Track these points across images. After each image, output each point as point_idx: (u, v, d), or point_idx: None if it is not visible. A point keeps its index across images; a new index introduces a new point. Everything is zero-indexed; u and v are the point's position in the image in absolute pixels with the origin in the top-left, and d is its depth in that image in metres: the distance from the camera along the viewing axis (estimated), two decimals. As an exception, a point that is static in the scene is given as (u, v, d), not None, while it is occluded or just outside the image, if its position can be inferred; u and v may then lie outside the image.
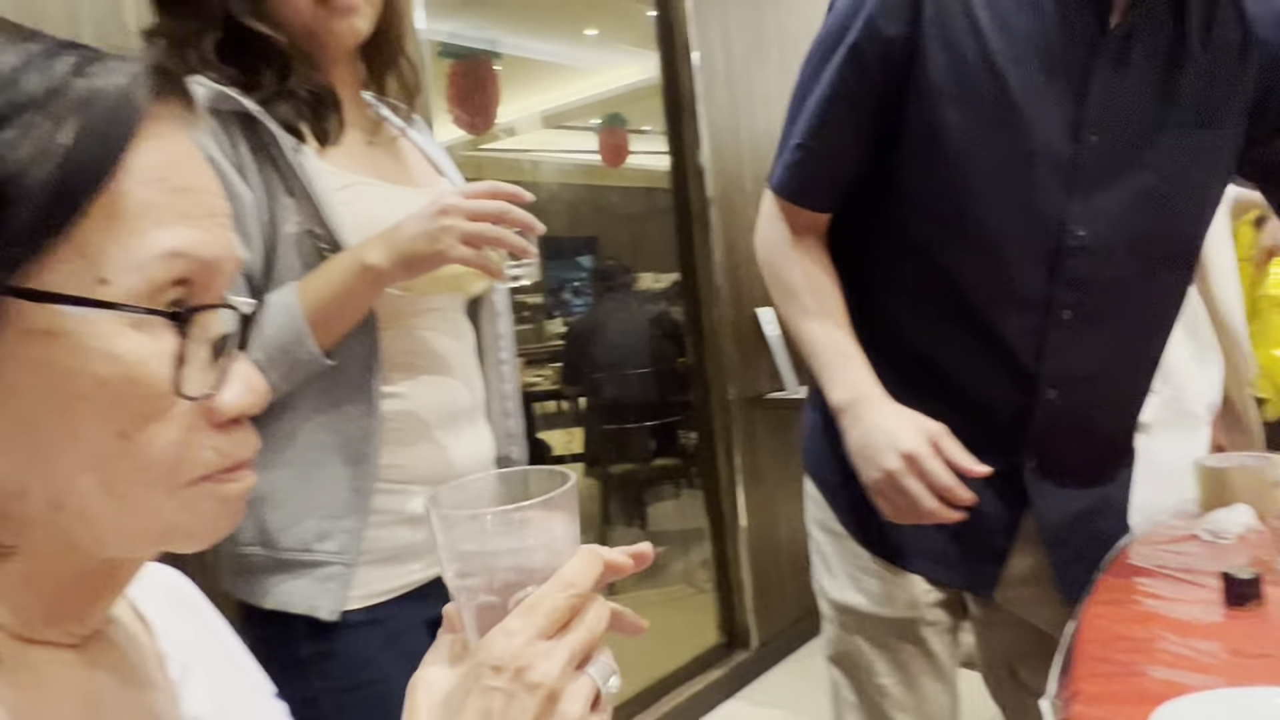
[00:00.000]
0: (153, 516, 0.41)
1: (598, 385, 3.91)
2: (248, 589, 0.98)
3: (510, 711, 0.40)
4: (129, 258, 0.38)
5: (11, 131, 0.36)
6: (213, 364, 0.42)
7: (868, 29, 0.97)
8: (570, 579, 0.43)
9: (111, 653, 0.47)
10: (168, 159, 0.41)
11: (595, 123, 6.55)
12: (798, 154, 1.05)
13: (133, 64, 0.40)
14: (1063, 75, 0.95)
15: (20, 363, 0.37)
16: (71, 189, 0.37)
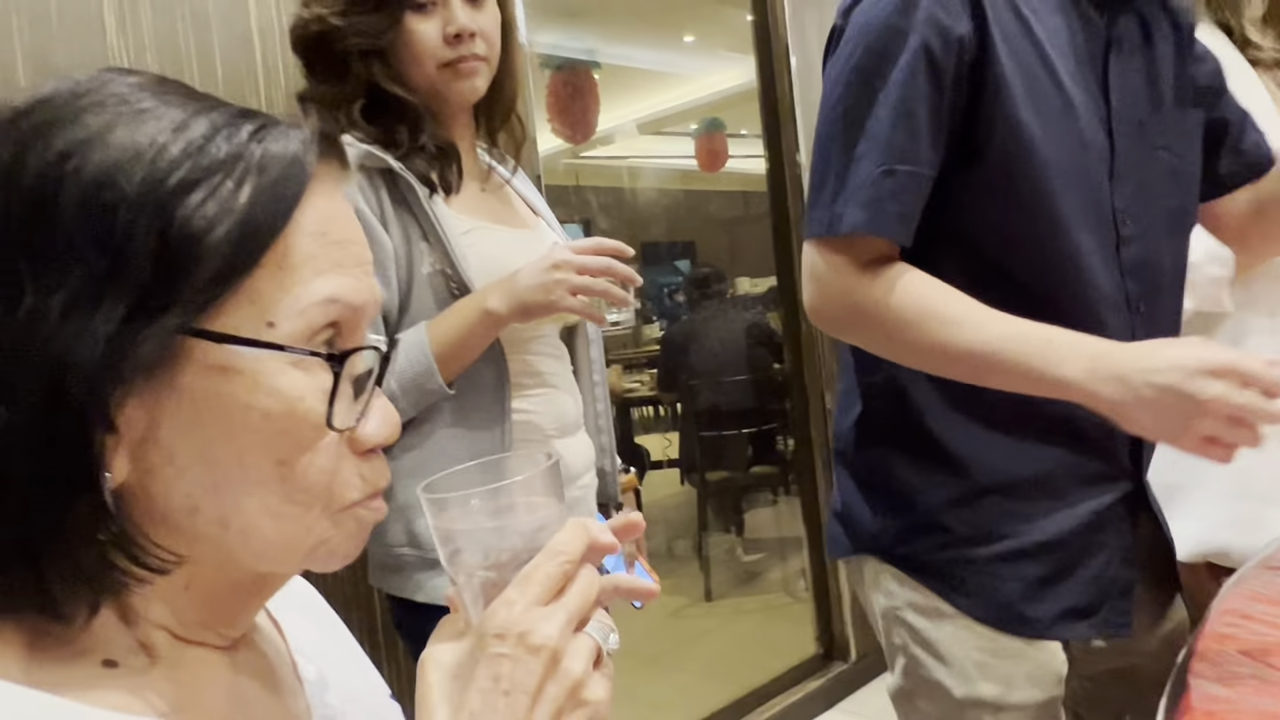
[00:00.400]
0: (306, 535, 0.45)
1: (694, 391, 3.91)
2: (400, 584, 1.11)
3: (518, 674, 0.43)
4: (292, 304, 0.43)
5: (200, 193, 0.41)
6: (355, 399, 0.47)
7: (933, 28, 0.88)
8: (559, 548, 0.46)
9: (255, 655, 0.52)
10: (327, 214, 0.45)
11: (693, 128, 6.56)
12: (886, 182, 0.90)
13: (301, 131, 0.45)
14: (1089, 68, 0.96)
15: (200, 396, 0.42)
16: (249, 243, 0.42)
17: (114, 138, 0.41)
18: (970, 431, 0.97)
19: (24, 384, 0.39)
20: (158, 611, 0.45)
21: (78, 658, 0.43)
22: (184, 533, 0.44)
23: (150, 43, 1.43)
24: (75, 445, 0.40)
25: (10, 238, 0.40)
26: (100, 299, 0.39)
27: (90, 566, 0.41)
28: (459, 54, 1.13)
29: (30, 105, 0.42)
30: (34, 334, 0.39)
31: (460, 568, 0.47)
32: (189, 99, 0.44)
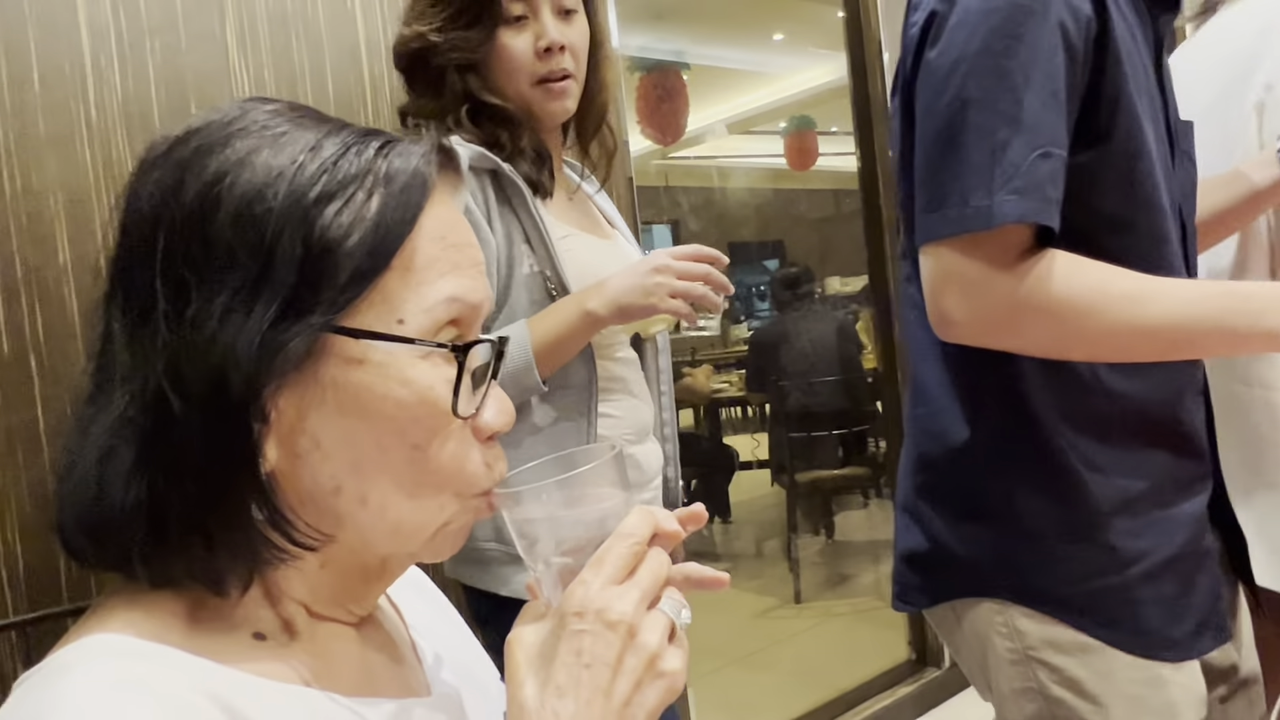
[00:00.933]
0: (437, 514, 0.50)
1: (784, 391, 3.89)
2: (485, 578, 1.15)
3: (597, 648, 0.45)
4: (419, 302, 0.48)
5: (336, 204, 0.46)
6: (474, 390, 0.51)
7: (1065, 4, 0.83)
8: (629, 531, 0.49)
9: (379, 632, 0.57)
10: (447, 221, 0.50)
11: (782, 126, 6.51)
12: (1043, 166, 0.82)
13: (423, 145, 0.50)
14: (1147, 68, 0.94)
15: (341, 387, 0.47)
16: (380, 248, 0.46)
17: (259, 159, 0.46)
18: (1091, 447, 0.91)
19: (193, 378, 0.44)
20: (297, 589, 0.50)
21: (231, 630, 0.48)
22: (328, 512, 0.48)
23: (268, 60, 1.51)
24: (236, 433, 0.44)
25: (177, 251, 0.45)
26: (254, 302, 0.44)
27: (248, 543, 0.46)
28: (549, 68, 1.17)
29: (186, 134, 0.48)
30: (200, 334, 0.44)
31: (538, 556, 0.50)
32: (320, 122, 0.49)
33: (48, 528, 0.47)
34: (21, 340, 1.29)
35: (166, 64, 1.42)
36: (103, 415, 0.45)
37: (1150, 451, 0.92)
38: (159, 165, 0.47)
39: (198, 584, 0.46)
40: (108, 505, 0.44)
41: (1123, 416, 0.91)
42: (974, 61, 0.83)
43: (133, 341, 0.45)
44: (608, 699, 0.45)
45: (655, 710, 0.46)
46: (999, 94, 0.82)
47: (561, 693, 0.45)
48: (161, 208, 0.46)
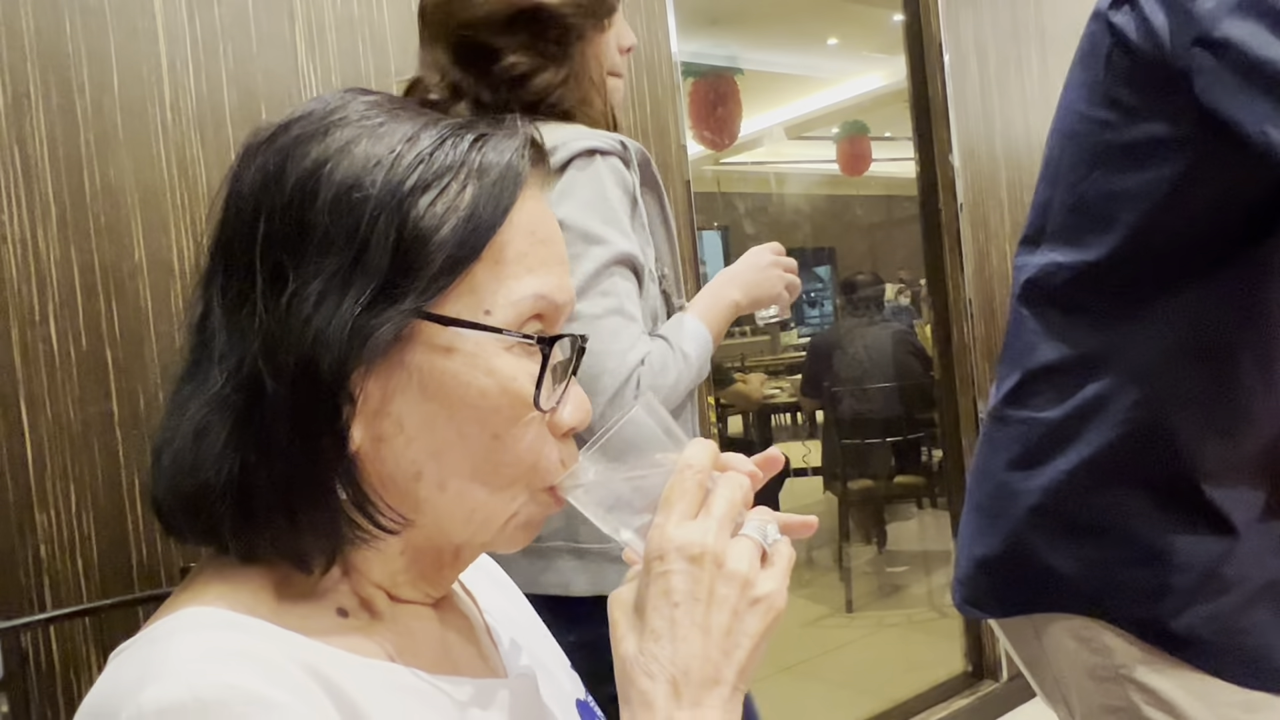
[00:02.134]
0: (509, 504, 0.50)
1: (837, 398, 3.86)
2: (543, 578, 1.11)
3: (686, 584, 0.44)
4: (507, 294, 0.48)
5: (431, 194, 0.46)
6: (555, 385, 0.51)
7: None
8: (687, 463, 0.48)
9: (457, 615, 0.58)
10: (537, 215, 0.50)
11: (835, 132, 6.47)
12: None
13: (517, 139, 0.50)
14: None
15: (427, 373, 0.47)
16: (472, 239, 0.47)
17: (359, 148, 0.47)
18: (1230, 476, 0.87)
19: (286, 359, 0.44)
20: (377, 572, 0.50)
21: (316, 606, 0.48)
22: (408, 496, 0.48)
23: (335, 63, 1.55)
24: (326, 414, 0.45)
25: (277, 234, 0.46)
26: (348, 287, 0.45)
27: (332, 522, 0.46)
28: (621, 67, 1.19)
29: (288, 122, 0.49)
30: (295, 316, 0.45)
31: (617, 526, 0.50)
32: (417, 114, 0.50)
33: (120, 517, 0.48)
34: (98, 335, 1.34)
35: (238, 67, 1.46)
36: (199, 393, 0.46)
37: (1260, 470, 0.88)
38: (262, 151, 0.48)
39: (283, 559, 0.47)
40: (202, 480, 0.45)
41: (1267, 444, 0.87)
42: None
43: (230, 322, 0.46)
44: (706, 634, 0.44)
45: (761, 636, 0.46)
46: None
47: (658, 636, 0.44)
48: (262, 193, 0.47)
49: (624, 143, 1.09)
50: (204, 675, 0.40)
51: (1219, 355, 0.86)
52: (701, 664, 0.44)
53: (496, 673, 0.57)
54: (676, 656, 0.44)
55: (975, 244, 2.74)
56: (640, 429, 0.50)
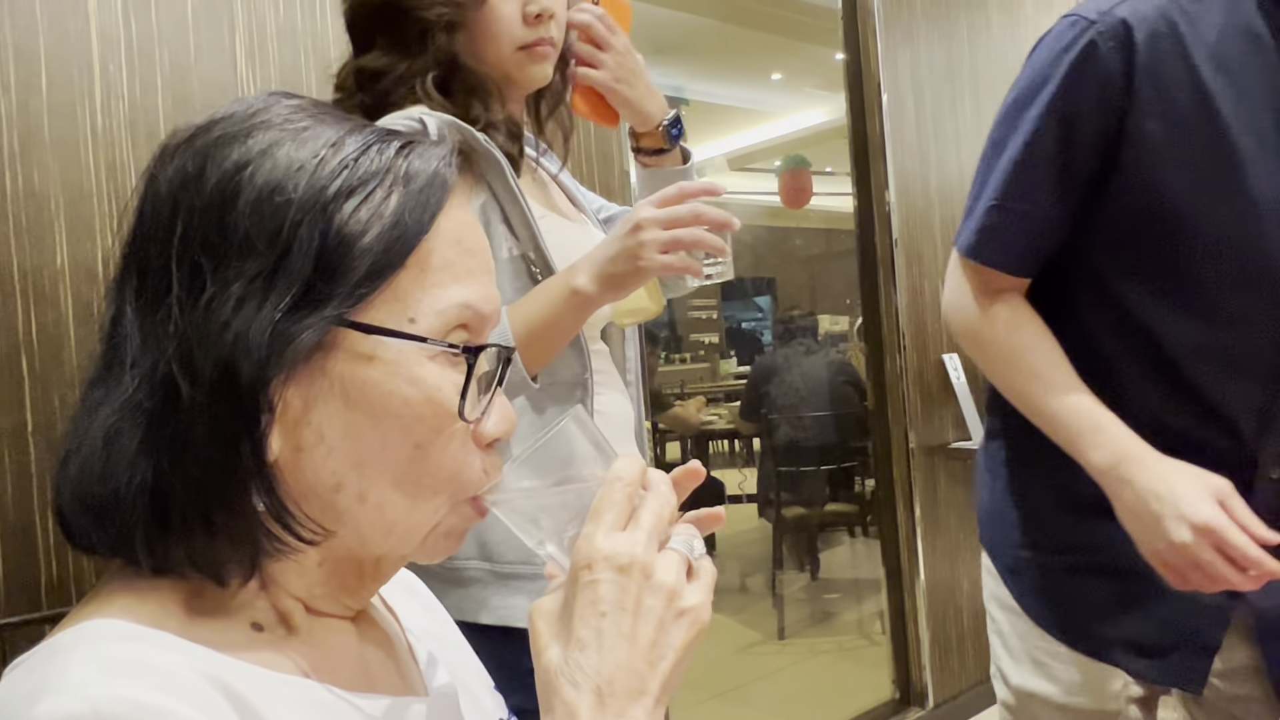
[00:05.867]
0: (431, 516, 0.50)
1: (773, 426, 3.90)
2: (462, 603, 0.99)
3: (613, 594, 0.44)
4: (432, 303, 0.48)
5: (355, 200, 0.46)
6: (480, 395, 0.51)
7: (1071, 85, 0.90)
8: (617, 476, 0.48)
9: (376, 630, 0.57)
10: (463, 224, 0.50)
11: (777, 165, 6.58)
12: (992, 215, 0.96)
13: (443, 147, 0.50)
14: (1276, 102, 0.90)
15: (349, 382, 0.46)
16: (397, 246, 0.46)
17: (282, 151, 0.46)
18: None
19: (204, 363, 0.43)
20: (294, 584, 0.49)
21: (228, 619, 0.47)
22: (328, 507, 0.47)
23: (276, 74, 1.53)
24: (244, 421, 0.44)
25: (194, 236, 0.45)
26: (269, 291, 0.44)
27: (250, 533, 0.45)
28: (537, 35, 1.06)
29: (209, 123, 0.48)
30: (213, 320, 0.44)
31: (542, 540, 0.50)
32: (341, 120, 0.49)
33: (29, 532, 0.46)
34: (14, 340, 1.29)
35: (174, 73, 1.43)
36: (111, 398, 0.45)
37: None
38: (180, 152, 0.47)
39: (198, 572, 0.46)
40: (112, 487, 0.44)
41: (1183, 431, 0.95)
42: (1006, 110, 0.97)
43: (145, 325, 0.45)
44: (632, 643, 0.44)
45: (685, 648, 0.45)
46: (1003, 143, 0.96)
47: (583, 645, 0.44)
48: (181, 193, 0.46)
49: (424, 119, 0.95)
50: (104, 688, 0.38)
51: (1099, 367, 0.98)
52: (627, 674, 0.43)
53: (415, 690, 0.56)
54: (602, 666, 0.43)
55: (909, 277, 2.81)
56: (569, 442, 0.50)
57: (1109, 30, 0.88)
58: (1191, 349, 0.94)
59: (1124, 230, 0.94)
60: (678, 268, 0.93)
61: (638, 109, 1.17)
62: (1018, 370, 0.98)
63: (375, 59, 1.05)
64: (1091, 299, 0.99)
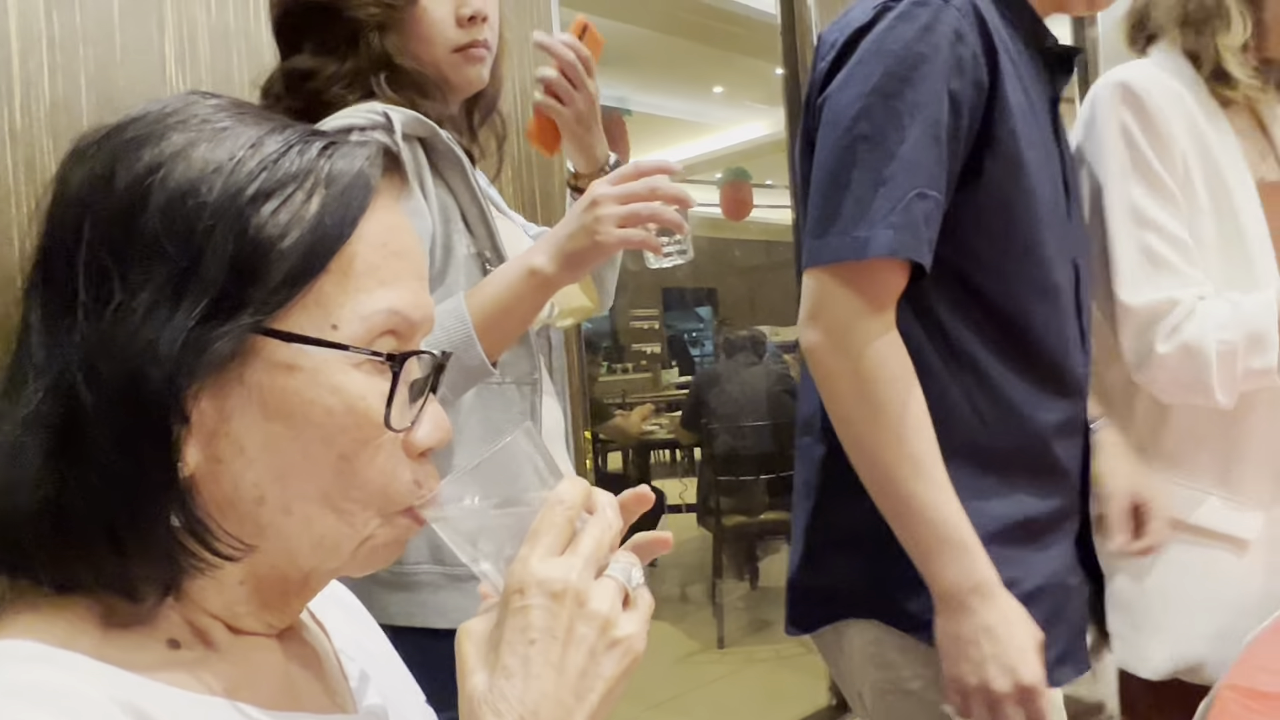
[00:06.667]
0: (360, 529, 0.48)
1: (714, 435, 3.93)
2: (413, 609, 0.96)
3: (544, 621, 0.42)
4: (355, 309, 0.46)
5: (274, 203, 0.44)
6: (410, 404, 0.49)
7: (953, 54, 0.88)
8: (558, 498, 0.46)
9: (302, 647, 0.55)
10: (389, 226, 0.49)
11: (718, 177, 6.65)
12: (920, 205, 0.86)
13: (368, 147, 0.48)
14: (1047, 119, 1.00)
15: (268, 392, 0.45)
16: (318, 250, 0.45)
17: (196, 153, 0.44)
18: (967, 476, 0.90)
19: (110, 373, 0.42)
20: (214, 602, 0.47)
21: (144, 637, 0.45)
22: (250, 521, 0.46)
23: (207, 76, 1.49)
24: (152, 433, 0.42)
25: (102, 241, 0.43)
26: (181, 298, 0.42)
27: (163, 549, 0.44)
28: (471, 37, 1.05)
29: (122, 124, 0.46)
30: (120, 328, 0.42)
31: (479, 557, 0.48)
32: (264, 120, 0.48)
33: None
34: (-77, 347, 1.23)
35: (99, 72, 1.39)
36: (14, 410, 0.43)
37: (1023, 485, 0.95)
38: (90, 154, 0.45)
39: (107, 590, 0.44)
40: (13, 504, 0.42)
41: (999, 450, 0.94)
42: (869, 100, 0.88)
43: (50, 334, 0.43)
44: (560, 673, 0.42)
45: (616, 680, 0.44)
46: (887, 133, 0.87)
47: (509, 674, 0.42)
48: (90, 196, 0.44)
49: (388, 114, 0.94)
50: (5, 714, 0.37)
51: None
52: (553, 706, 0.42)
53: (344, 708, 0.54)
54: (527, 696, 0.41)
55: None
56: (516, 458, 0.48)
57: (964, 7, 0.89)
58: (1042, 327, 0.95)
59: (990, 212, 0.92)
60: (636, 241, 0.92)
61: (588, 152, 1.18)
62: (896, 442, 0.87)
63: (304, 60, 1.04)
64: (952, 294, 0.93)
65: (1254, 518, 1.12)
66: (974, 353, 0.94)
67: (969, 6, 0.89)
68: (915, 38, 0.87)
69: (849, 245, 0.87)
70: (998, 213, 0.92)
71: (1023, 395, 0.95)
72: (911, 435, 0.86)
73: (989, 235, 0.93)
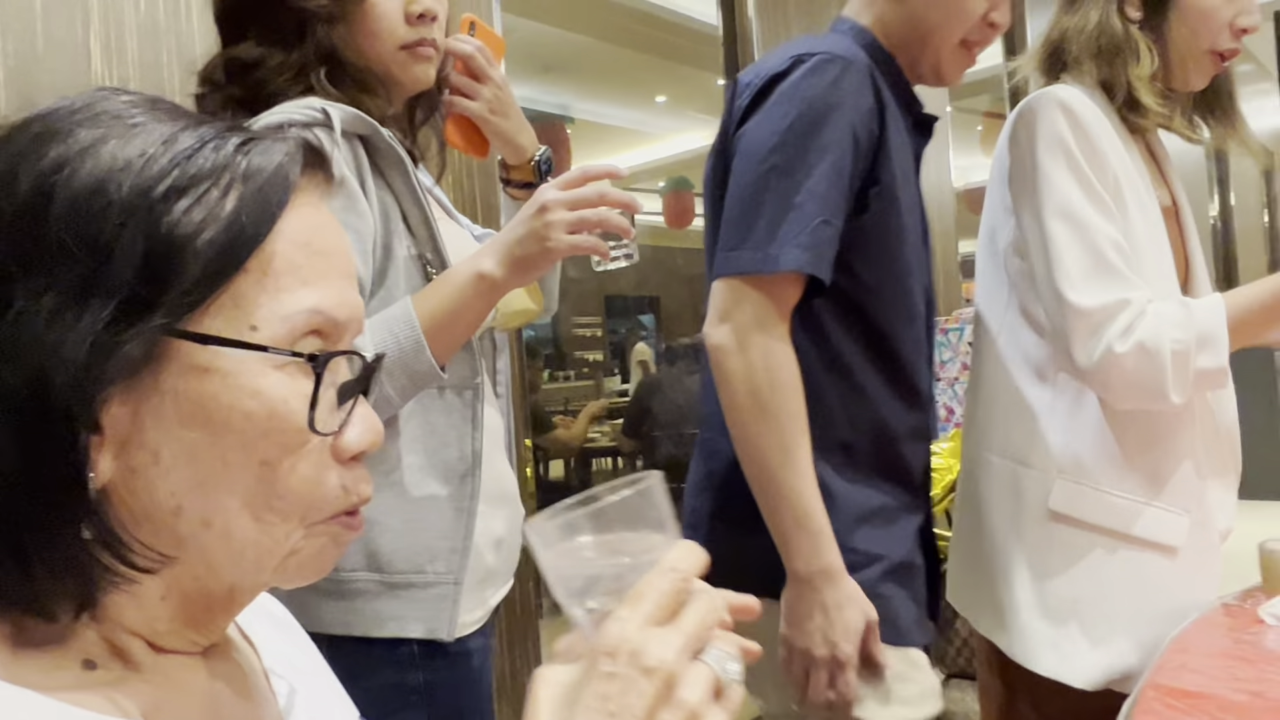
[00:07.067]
0: (284, 541, 0.46)
1: (655, 443, 3.94)
2: (350, 618, 0.94)
3: (627, 697, 0.40)
4: (276, 308, 0.44)
5: (187, 200, 0.42)
6: (339, 406, 0.48)
7: (856, 105, 1.03)
8: (673, 565, 0.43)
9: (228, 665, 0.52)
10: (312, 224, 0.47)
11: (660, 185, 6.68)
12: (825, 230, 1.01)
13: (288, 143, 0.47)
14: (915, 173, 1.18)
15: (183, 397, 0.43)
16: (233, 248, 0.43)
17: (105, 150, 0.43)
18: (838, 465, 1.08)
19: (12, 381, 0.40)
20: (133, 619, 0.45)
21: (59, 658, 0.43)
22: (167, 533, 0.44)
23: (135, 73, 1.45)
24: (60, 443, 0.40)
25: (5, 244, 0.41)
26: (87, 301, 0.40)
27: (75, 564, 0.42)
28: (419, 35, 1.04)
29: (27, 121, 0.44)
30: (23, 333, 0.40)
31: (573, 599, 0.45)
32: (178, 115, 0.46)
33: None
34: None
35: (19, 66, 1.34)
36: None
37: (880, 479, 1.11)
38: None
39: (17, 609, 0.42)
40: None
41: (862, 449, 1.10)
42: (784, 136, 1.02)
43: None
44: None
45: None
46: (798, 167, 1.01)
47: None
48: None
49: (327, 110, 0.92)
50: None
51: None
52: None
53: None
54: None
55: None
56: (641, 507, 0.45)
57: (861, 66, 1.04)
58: (906, 346, 1.11)
59: (872, 242, 1.07)
60: (586, 248, 0.93)
61: (511, 141, 1.17)
62: (775, 435, 1.00)
63: (249, 49, 1.01)
64: (837, 311, 1.08)
65: (1182, 524, 1.16)
66: (851, 364, 1.09)
67: (865, 69, 1.05)
68: (826, 88, 1.02)
69: (762, 259, 1.00)
70: (878, 243, 1.07)
71: (886, 404, 1.11)
72: (788, 431, 1.00)
73: (870, 262, 1.07)
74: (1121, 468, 1.17)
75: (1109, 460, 1.17)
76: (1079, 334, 1.11)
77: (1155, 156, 1.30)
